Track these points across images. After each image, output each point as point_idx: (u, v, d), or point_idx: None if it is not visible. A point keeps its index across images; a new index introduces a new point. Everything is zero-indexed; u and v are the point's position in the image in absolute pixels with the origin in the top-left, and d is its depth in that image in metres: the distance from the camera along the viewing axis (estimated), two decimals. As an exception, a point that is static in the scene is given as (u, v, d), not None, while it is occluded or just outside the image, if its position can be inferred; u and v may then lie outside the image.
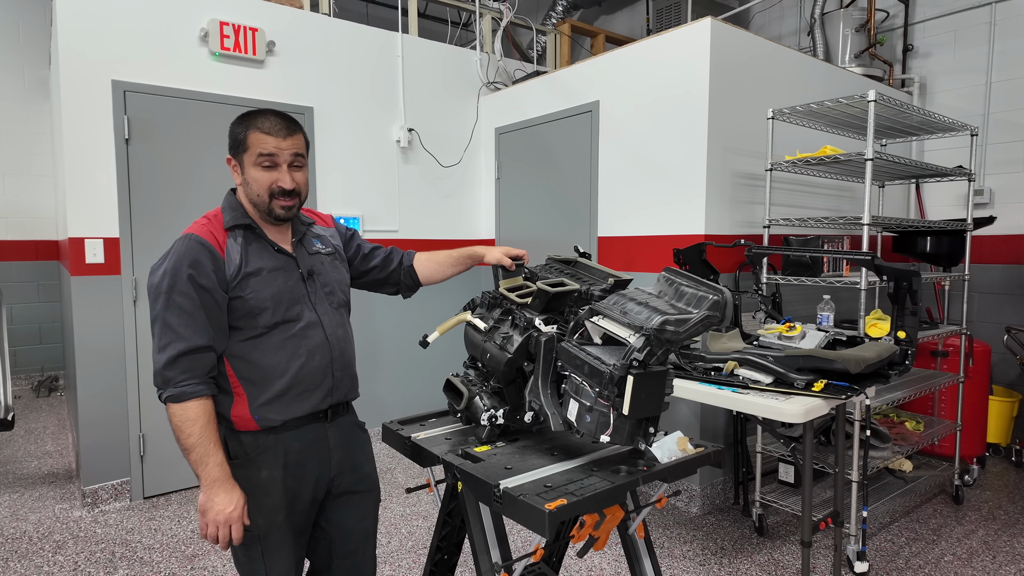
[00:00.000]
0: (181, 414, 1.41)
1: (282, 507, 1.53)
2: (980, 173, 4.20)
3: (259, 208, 1.52)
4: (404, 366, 4.34)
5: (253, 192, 1.50)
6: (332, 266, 1.66)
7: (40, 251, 5.80)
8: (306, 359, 1.53)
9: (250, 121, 1.49)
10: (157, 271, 1.45)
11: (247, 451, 1.51)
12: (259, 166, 1.48)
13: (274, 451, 1.52)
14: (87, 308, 3.23)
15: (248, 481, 1.50)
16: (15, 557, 2.81)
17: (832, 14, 4.52)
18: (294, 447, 1.54)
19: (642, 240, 3.50)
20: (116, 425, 3.32)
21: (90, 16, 3.17)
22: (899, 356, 2.09)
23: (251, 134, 1.48)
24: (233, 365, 1.50)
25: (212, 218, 1.52)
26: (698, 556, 2.83)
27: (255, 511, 1.50)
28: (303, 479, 1.55)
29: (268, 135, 1.47)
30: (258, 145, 1.47)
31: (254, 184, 1.49)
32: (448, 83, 4.51)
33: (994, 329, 4.12)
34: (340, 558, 1.68)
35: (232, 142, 1.52)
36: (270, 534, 1.52)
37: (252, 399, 1.50)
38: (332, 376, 1.58)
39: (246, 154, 1.49)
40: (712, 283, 1.32)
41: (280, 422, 1.51)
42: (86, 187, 3.20)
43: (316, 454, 1.57)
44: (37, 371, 5.92)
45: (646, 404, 1.25)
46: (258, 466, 1.51)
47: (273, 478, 1.51)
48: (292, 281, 1.54)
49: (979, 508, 3.31)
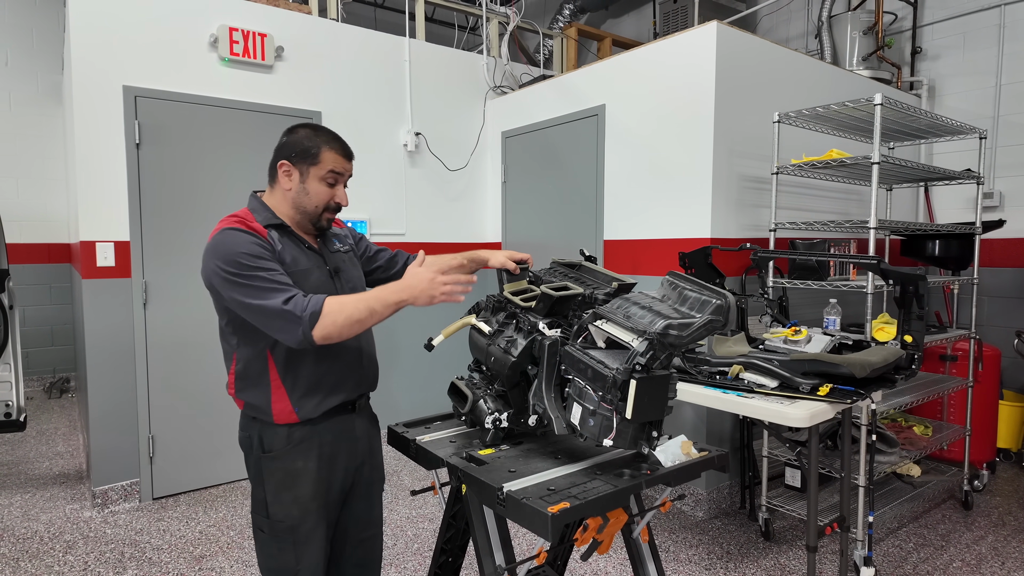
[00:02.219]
0: (330, 320, 1.40)
1: (316, 497, 1.58)
2: (989, 176, 4.18)
3: (307, 216, 1.59)
4: (409, 369, 4.36)
5: (310, 202, 1.57)
6: (352, 263, 1.75)
7: (52, 254, 5.87)
8: (340, 352, 1.60)
9: (323, 138, 1.56)
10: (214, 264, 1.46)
11: (283, 444, 1.56)
12: (324, 181, 1.56)
13: (309, 442, 1.57)
14: (98, 311, 3.27)
15: (284, 472, 1.56)
16: (26, 557, 2.84)
17: (840, 17, 4.51)
18: (327, 439, 1.60)
19: (648, 244, 3.50)
20: (126, 427, 3.36)
21: (102, 22, 3.22)
22: (906, 360, 2.08)
23: (325, 151, 1.56)
24: (275, 359, 1.55)
25: (243, 216, 1.55)
26: (703, 560, 2.82)
27: (290, 502, 1.56)
28: (335, 469, 1.63)
29: (341, 156, 1.58)
30: (331, 163, 1.56)
31: (314, 196, 1.57)
32: (455, 87, 4.54)
33: (1004, 333, 4.09)
34: (353, 546, 1.75)
35: (299, 151, 1.55)
36: (303, 524, 1.57)
37: (292, 392, 1.55)
38: (361, 367, 1.67)
39: (315, 167, 1.55)
40: (716, 287, 1.32)
41: (318, 414, 1.57)
42: (98, 191, 3.24)
43: (346, 444, 1.65)
44: (49, 373, 5.98)
45: (649, 408, 1.25)
46: (294, 458, 1.57)
47: (308, 469, 1.57)
48: (323, 277, 1.62)
49: (989, 514, 3.28)
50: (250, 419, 1.60)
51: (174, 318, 3.45)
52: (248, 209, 1.59)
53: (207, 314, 3.52)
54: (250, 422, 1.60)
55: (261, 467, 1.57)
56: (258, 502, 1.60)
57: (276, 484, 1.56)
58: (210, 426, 3.57)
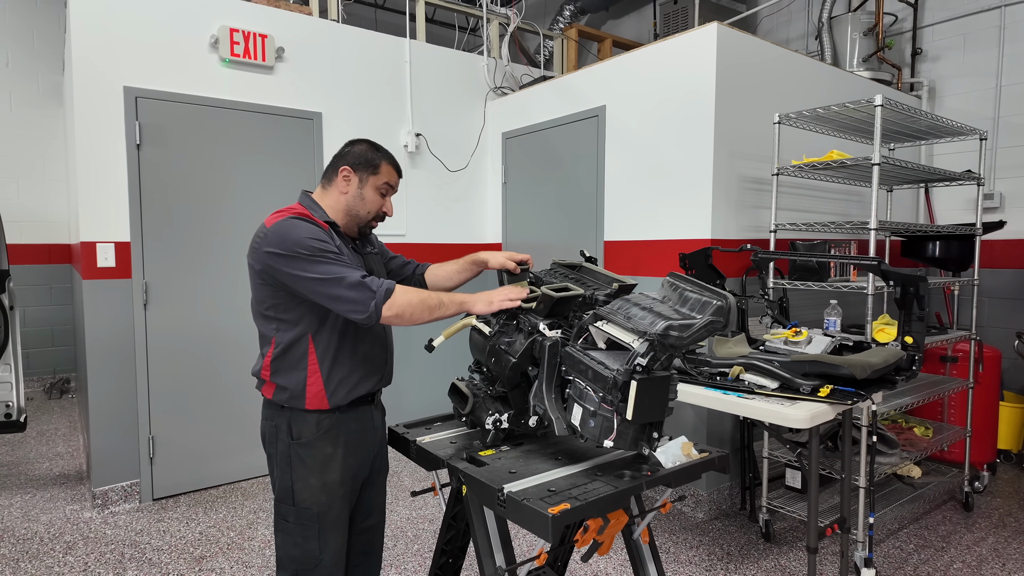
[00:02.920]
0: (404, 299, 1.52)
1: (343, 483, 1.67)
2: (990, 177, 4.18)
3: (357, 220, 1.72)
4: (409, 370, 4.35)
5: (363, 207, 1.71)
6: (379, 265, 1.85)
7: (53, 255, 5.87)
8: (371, 345, 1.71)
9: (383, 154, 1.73)
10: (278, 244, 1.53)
11: (312, 431, 1.64)
12: (379, 191, 1.72)
13: (336, 429, 1.66)
14: (98, 311, 3.27)
15: (314, 459, 1.63)
16: (26, 558, 2.84)
17: (840, 18, 4.51)
18: (352, 427, 1.70)
19: (648, 244, 3.50)
20: (126, 427, 3.36)
21: (103, 23, 3.22)
22: (906, 361, 2.08)
23: (384, 165, 1.72)
24: (316, 344, 1.63)
25: (301, 211, 1.64)
26: (704, 561, 2.82)
27: (319, 487, 1.63)
28: (358, 457, 1.72)
29: (396, 172, 1.75)
30: (388, 176, 1.73)
31: (370, 203, 1.71)
32: (455, 88, 4.54)
33: (1004, 334, 4.08)
34: (357, 534, 1.82)
35: (363, 160, 1.70)
36: (330, 511, 1.64)
37: (328, 379, 1.63)
38: (387, 362, 1.79)
39: (375, 177, 1.70)
40: (716, 288, 1.32)
41: (347, 402, 1.66)
42: (98, 192, 3.24)
43: (367, 433, 1.75)
44: (49, 373, 5.98)
45: (650, 409, 1.25)
46: (323, 444, 1.64)
47: (336, 455, 1.66)
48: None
49: (989, 515, 3.28)
50: (278, 408, 1.65)
51: (174, 319, 3.45)
52: (302, 205, 1.69)
53: (208, 315, 3.55)
54: (278, 411, 1.66)
55: (290, 455, 1.63)
56: (284, 490, 1.64)
57: (307, 471, 1.62)
58: (210, 427, 3.57)
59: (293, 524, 1.63)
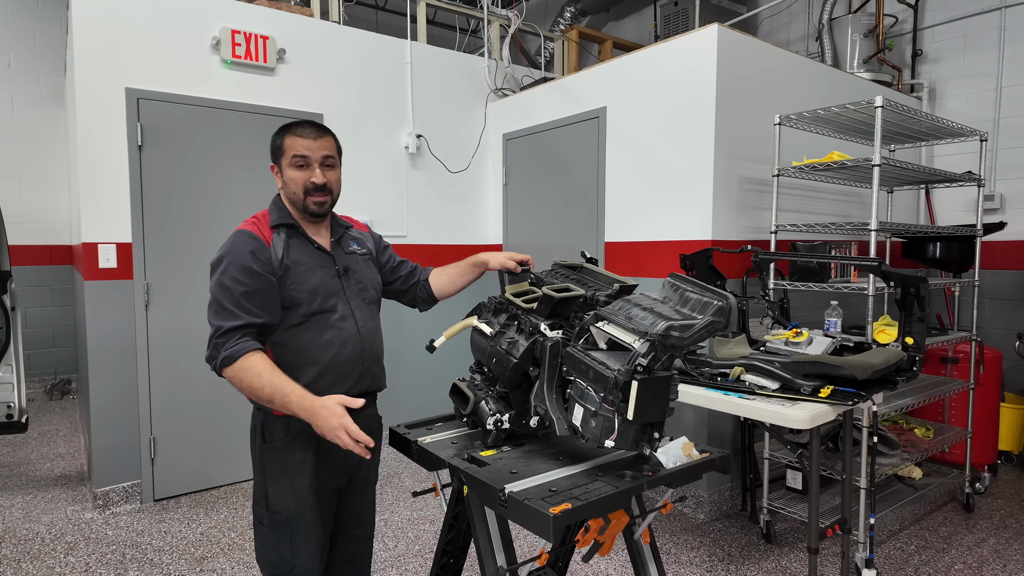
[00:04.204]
0: (242, 370, 1.49)
1: (313, 489, 1.63)
2: (990, 178, 4.18)
3: (296, 206, 1.66)
4: (411, 370, 4.36)
5: (291, 191, 1.65)
6: (366, 266, 1.79)
7: (54, 256, 5.88)
8: (340, 348, 1.64)
9: (286, 129, 1.66)
10: (214, 265, 1.59)
11: (283, 435, 1.61)
12: (294, 166, 1.63)
13: (307, 434, 1.59)
14: (100, 312, 3.28)
15: (282, 464, 1.61)
16: (27, 558, 2.84)
17: (840, 19, 4.52)
18: None
19: (649, 245, 3.51)
20: (127, 428, 3.36)
21: (105, 25, 3.23)
22: (907, 362, 2.08)
23: (287, 139, 1.64)
24: (274, 351, 1.61)
25: (260, 218, 1.67)
26: (705, 562, 2.82)
27: (288, 493, 1.60)
28: (332, 464, 1.66)
29: (300, 137, 1.63)
30: (292, 147, 1.63)
31: (291, 183, 1.64)
32: (456, 90, 4.54)
33: (1005, 335, 4.08)
34: (345, 542, 1.80)
35: (272, 150, 1.68)
36: (301, 517, 1.61)
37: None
38: (362, 365, 1.69)
39: (283, 157, 1.65)
40: (717, 289, 1.32)
41: None
42: (100, 193, 3.25)
43: None
44: (50, 374, 5.99)
45: (650, 409, 1.26)
46: (293, 449, 1.61)
47: (306, 461, 1.62)
48: (329, 276, 1.67)
49: (990, 516, 3.27)
50: (256, 408, 1.66)
51: (176, 320, 3.45)
52: (268, 209, 1.70)
53: (209, 316, 3.54)
54: (256, 411, 1.66)
55: (263, 457, 1.62)
56: (259, 492, 1.64)
57: (276, 474, 1.60)
58: (211, 428, 3.58)
59: (267, 528, 1.61)
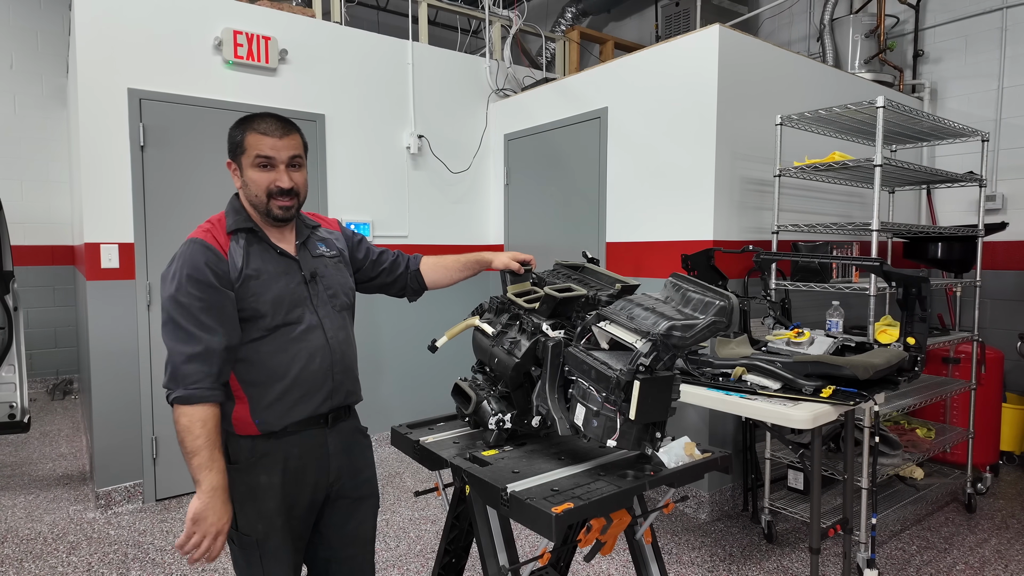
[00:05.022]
0: (190, 416, 1.38)
1: (281, 512, 1.50)
2: (992, 179, 4.17)
3: (258, 209, 1.51)
4: (413, 370, 4.36)
5: (252, 193, 1.50)
6: (336, 269, 1.64)
7: (56, 256, 5.89)
8: (306, 362, 1.50)
9: (247, 124, 1.50)
10: (166, 277, 1.46)
11: (247, 456, 1.49)
12: (257, 167, 1.48)
13: (273, 456, 1.49)
14: (102, 312, 3.28)
15: (247, 486, 1.48)
16: (30, 558, 2.85)
17: (842, 20, 4.51)
18: (294, 452, 1.52)
19: (650, 246, 3.51)
20: (129, 428, 3.37)
21: (107, 25, 3.24)
22: (908, 362, 2.08)
23: (248, 136, 1.48)
24: (235, 368, 1.48)
25: (215, 223, 1.53)
26: (706, 563, 2.82)
27: (254, 516, 1.49)
28: (302, 485, 1.53)
29: (265, 136, 1.47)
30: (255, 146, 1.47)
31: (252, 185, 1.49)
32: (458, 90, 4.55)
33: (1007, 336, 4.08)
34: (338, 563, 1.67)
35: (231, 146, 1.53)
36: (269, 539, 1.50)
37: (253, 403, 1.48)
38: (332, 379, 1.55)
39: (244, 156, 1.49)
40: (719, 289, 1.32)
41: (280, 427, 1.49)
42: (102, 193, 3.26)
43: (316, 460, 1.55)
44: (52, 374, 6.00)
45: (652, 409, 1.26)
46: (258, 471, 1.49)
47: (272, 483, 1.49)
48: (294, 284, 1.53)
49: (992, 517, 3.27)
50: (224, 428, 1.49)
51: (178, 320, 3.45)
52: (224, 212, 1.55)
53: (210, 316, 3.55)
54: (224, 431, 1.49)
55: (231, 478, 1.46)
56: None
57: (241, 497, 1.47)
58: (213, 428, 3.58)
59: (237, 548, 1.52)
